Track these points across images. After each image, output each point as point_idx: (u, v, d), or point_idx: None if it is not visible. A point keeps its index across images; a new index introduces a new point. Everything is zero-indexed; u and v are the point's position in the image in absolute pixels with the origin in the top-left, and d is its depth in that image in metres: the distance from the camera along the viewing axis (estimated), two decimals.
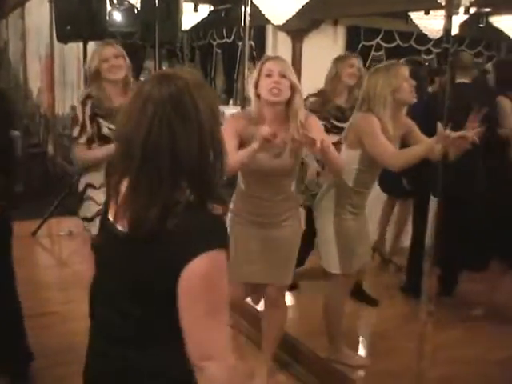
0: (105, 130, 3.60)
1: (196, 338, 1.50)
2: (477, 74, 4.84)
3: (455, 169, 3.51)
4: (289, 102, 2.96)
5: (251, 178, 3.01)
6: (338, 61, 4.75)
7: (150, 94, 1.48)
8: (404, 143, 3.48)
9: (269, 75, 2.91)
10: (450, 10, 2.70)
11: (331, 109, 4.48)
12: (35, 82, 9.49)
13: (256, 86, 2.96)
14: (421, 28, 9.40)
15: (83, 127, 3.64)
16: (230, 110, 12.21)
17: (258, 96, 3.00)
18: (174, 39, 5.31)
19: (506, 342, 3.83)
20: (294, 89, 2.93)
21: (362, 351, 3.93)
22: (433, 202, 2.93)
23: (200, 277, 1.46)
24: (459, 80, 4.39)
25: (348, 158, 3.37)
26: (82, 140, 3.69)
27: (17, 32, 10.49)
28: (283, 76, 2.91)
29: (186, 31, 11.46)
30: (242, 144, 2.92)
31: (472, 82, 4.53)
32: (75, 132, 3.69)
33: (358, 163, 3.36)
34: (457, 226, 3.94)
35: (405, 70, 3.43)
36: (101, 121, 3.62)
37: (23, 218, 4.46)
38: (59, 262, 5.02)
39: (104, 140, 3.68)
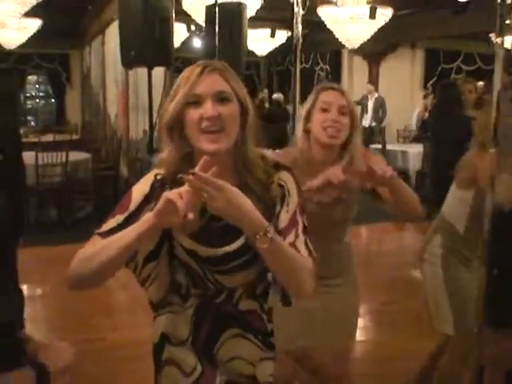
0: None
1: None
2: None
3: None
4: (345, 142, 2.33)
5: None
6: None
7: None
8: None
9: (325, 109, 2.31)
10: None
11: None
12: (113, 107, 9.76)
13: (307, 119, 2.37)
14: None
15: None
16: None
17: (307, 132, 2.38)
18: (237, 64, 5.26)
19: None
20: (353, 127, 2.31)
21: None
22: None
23: None
24: None
25: (457, 199, 2.88)
26: None
27: (98, 58, 10.86)
28: (343, 113, 2.29)
29: (263, 57, 11.59)
30: None
31: None
32: None
33: (471, 206, 2.81)
34: None
35: None
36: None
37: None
38: (120, 284, 5.02)
39: None
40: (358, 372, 2.69)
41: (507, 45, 2.93)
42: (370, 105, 11.24)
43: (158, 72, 6.51)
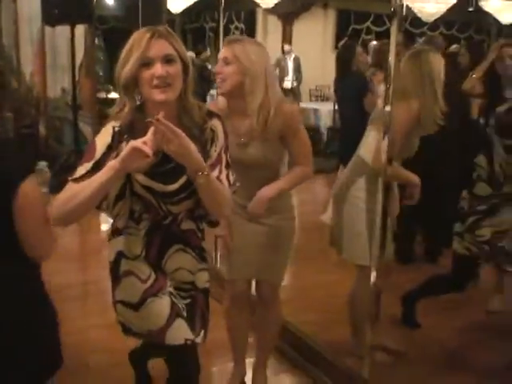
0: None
1: None
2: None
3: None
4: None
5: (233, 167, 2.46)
6: None
7: None
8: None
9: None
10: None
11: None
12: (28, 66, 9.61)
13: None
14: (415, 11, 9.36)
15: None
16: None
17: None
18: (159, 21, 5.42)
19: None
20: (242, 74, 2.55)
21: None
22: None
23: None
24: None
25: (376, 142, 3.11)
26: None
27: (9, 16, 10.58)
28: (227, 63, 2.56)
29: (177, 14, 11.58)
30: None
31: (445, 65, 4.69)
32: None
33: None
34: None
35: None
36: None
37: None
38: None
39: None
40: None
41: None
42: (290, 65, 11.29)
43: (76, 30, 6.57)
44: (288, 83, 11.20)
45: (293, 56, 11.32)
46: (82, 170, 1.87)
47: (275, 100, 2.59)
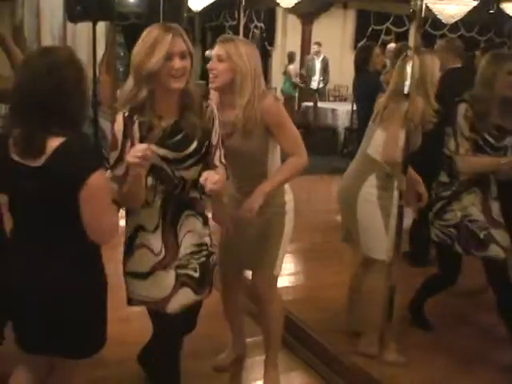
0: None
1: None
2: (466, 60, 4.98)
3: None
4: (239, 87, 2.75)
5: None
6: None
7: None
8: None
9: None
10: None
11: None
12: None
13: None
14: (435, 13, 9.27)
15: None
16: None
17: None
18: (179, 19, 5.48)
19: None
20: (234, 71, 2.71)
21: None
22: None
23: None
24: (452, 65, 4.57)
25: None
26: None
27: (32, 10, 10.65)
28: (220, 60, 2.72)
29: (197, 13, 11.63)
30: None
31: (462, 67, 4.70)
32: None
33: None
34: None
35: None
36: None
37: None
38: None
39: None
40: (292, 298, 3.05)
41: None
42: (318, 66, 11.28)
43: (97, 26, 6.62)
44: (314, 83, 11.23)
45: (321, 57, 11.30)
46: (112, 159, 2.32)
47: (259, 95, 2.72)
